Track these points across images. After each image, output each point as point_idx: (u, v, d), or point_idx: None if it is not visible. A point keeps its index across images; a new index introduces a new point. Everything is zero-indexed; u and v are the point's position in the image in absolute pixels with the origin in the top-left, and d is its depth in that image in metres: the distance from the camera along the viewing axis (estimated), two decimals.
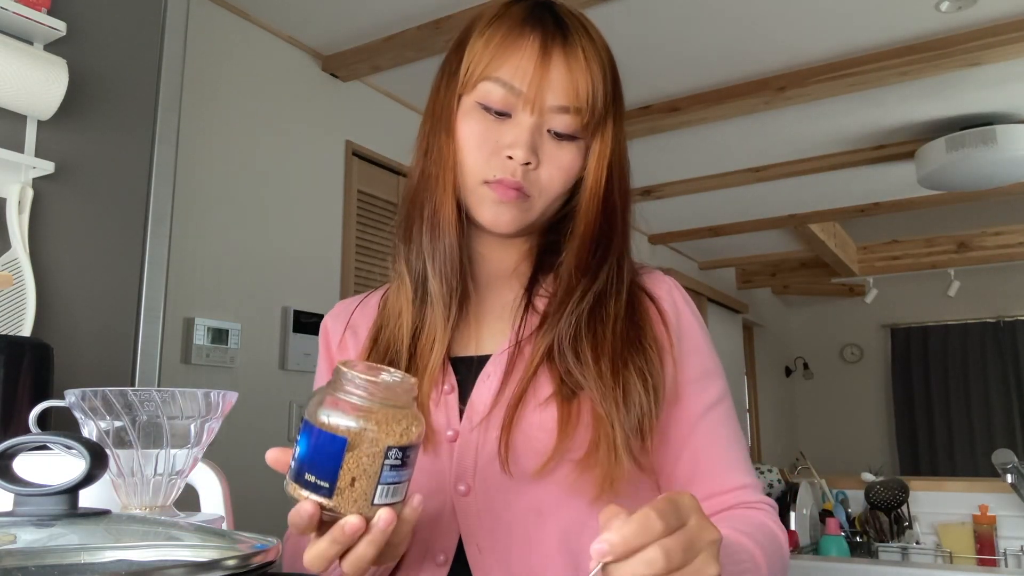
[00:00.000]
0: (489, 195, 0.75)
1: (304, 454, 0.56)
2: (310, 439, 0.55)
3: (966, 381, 6.60)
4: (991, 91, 2.92)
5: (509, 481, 0.74)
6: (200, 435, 0.66)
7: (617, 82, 0.78)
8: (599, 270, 0.78)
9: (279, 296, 2.37)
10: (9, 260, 1.03)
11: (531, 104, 0.73)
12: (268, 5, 2.33)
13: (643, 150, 3.45)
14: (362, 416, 0.54)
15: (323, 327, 0.91)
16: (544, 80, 0.73)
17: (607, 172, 0.77)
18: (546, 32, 0.74)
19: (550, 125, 0.74)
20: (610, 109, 0.76)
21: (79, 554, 0.46)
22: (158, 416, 0.61)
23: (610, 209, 0.78)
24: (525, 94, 0.73)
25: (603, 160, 0.77)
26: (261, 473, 2.62)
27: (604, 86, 0.75)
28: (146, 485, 0.63)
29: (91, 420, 0.62)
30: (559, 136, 0.75)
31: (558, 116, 0.74)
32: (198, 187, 2.15)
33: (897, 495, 2.76)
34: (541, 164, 0.75)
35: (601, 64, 0.75)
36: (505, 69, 0.74)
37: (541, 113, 0.74)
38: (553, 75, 0.73)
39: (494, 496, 0.73)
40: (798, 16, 2.41)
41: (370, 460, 0.54)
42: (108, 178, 1.17)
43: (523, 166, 0.74)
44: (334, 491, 0.54)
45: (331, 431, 0.54)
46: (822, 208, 4.40)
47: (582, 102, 0.73)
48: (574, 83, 0.73)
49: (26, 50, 1.03)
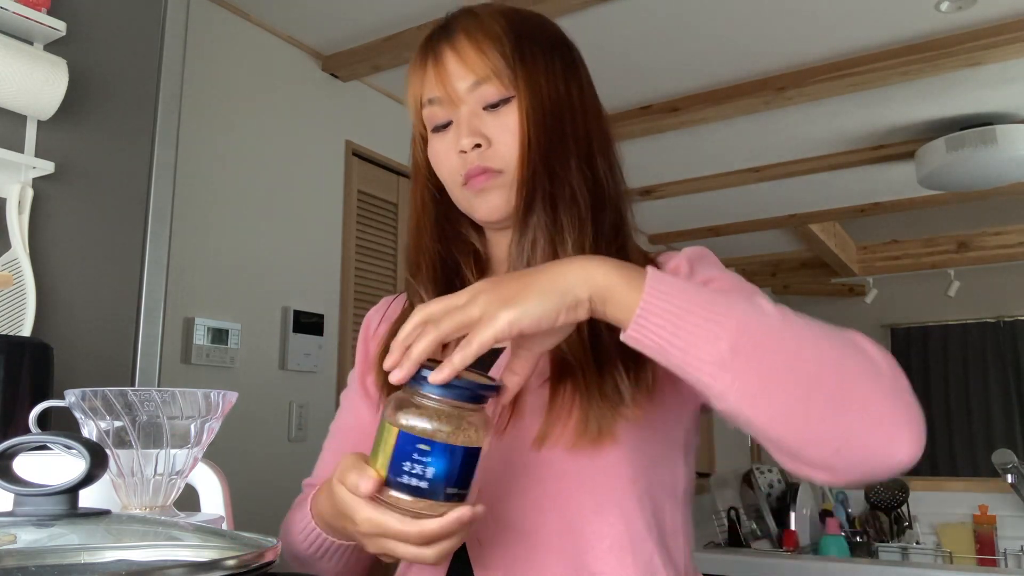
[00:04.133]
0: (469, 193, 0.79)
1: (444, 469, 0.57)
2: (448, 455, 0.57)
3: (966, 381, 6.60)
4: (991, 91, 2.92)
5: (510, 474, 0.74)
6: (200, 435, 0.66)
7: (523, 37, 0.79)
8: (527, 218, 0.75)
9: (279, 296, 2.37)
10: (9, 260, 1.03)
11: (450, 99, 0.77)
12: (268, 5, 2.33)
13: (643, 150, 3.45)
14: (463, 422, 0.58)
15: (365, 318, 0.95)
16: (446, 74, 0.77)
17: (531, 119, 0.76)
18: (436, 39, 0.80)
19: (481, 103, 0.77)
20: (520, 62, 0.77)
21: (79, 554, 0.46)
22: (158, 416, 0.62)
23: (543, 154, 0.76)
24: (441, 96, 0.78)
25: (525, 108, 0.76)
26: (261, 473, 2.63)
27: (503, 45, 0.77)
28: (146, 485, 0.63)
29: (91, 420, 0.62)
30: (492, 107, 0.77)
31: (477, 92, 0.77)
32: (198, 187, 2.15)
33: (897, 495, 2.76)
34: (492, 140, 0.77)
35: (490, 30, 0.78)
36: (425, 88, 0.80)
37: (463, 101, 0.77)
38: (451, 66, 0.77)
39: (496, 491, 0.74)
40: (798, 16, 2.41)
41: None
42: (108, 178, 1.17)
43: (475, 150, 0.76)
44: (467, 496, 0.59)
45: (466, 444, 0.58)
46: (822, 208, 4.40)
47: (487, 70, 0.76)
48: (470, 59, 0.76)
49: (26, 50, 1.03)
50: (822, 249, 5.12)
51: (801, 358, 0.58)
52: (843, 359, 0.59)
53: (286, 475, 2.31)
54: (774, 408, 0.57)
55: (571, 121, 0.79)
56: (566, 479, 0.73)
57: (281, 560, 0.50)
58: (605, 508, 0.73)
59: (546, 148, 0.76)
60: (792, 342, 0.59)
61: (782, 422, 0.58)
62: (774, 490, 2.75)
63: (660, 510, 0.76)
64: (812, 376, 0.57)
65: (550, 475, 0.74)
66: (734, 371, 0.57)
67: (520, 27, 0.79)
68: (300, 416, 2.37)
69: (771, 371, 0.57)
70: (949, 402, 6.63)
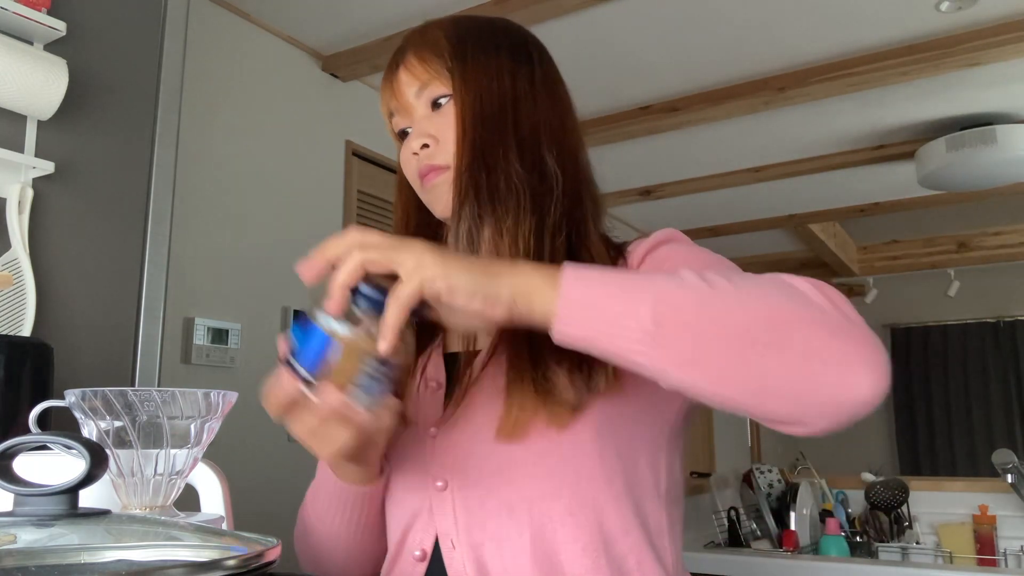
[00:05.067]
0: (426, 191, 0.83)
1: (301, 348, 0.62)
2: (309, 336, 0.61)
3: (966, 381, 6.60)
4: (991, 91, 2.92)
5: (482, 477, 0.74)
6: (200, 435, 0.66)
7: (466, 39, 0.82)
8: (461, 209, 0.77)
9: (279, 296, 2.37)
10: (9, 260, 1.03)
11: (404, 108, 0.83)
12: (268, 5, 2.33)
13: (643, 150, 3.45)
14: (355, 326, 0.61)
15: None
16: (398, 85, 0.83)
17: (468, 110, 0.79)
18: (392, 60, 0.86)
19: (429, 105, 0.82)
20: (458, 61, 0.80)
21: (79, 554, 0.46)
22: (158, 416, 0.62)
23: (479, 147, 0.78)
24: (397, 107, 0.84)
25: (462, 101, 0.79)
26: (261, 473, 2.63)
27: (442, 50, 0.81)
28: (146, 485, 0.63)
29: (91, 420, 0.62)
30: (437, 107, 0.81)
31: (424, 96, 0.82)
32: (198, 187, 2.15)
33: (897, 495, 2.76)
34: (439, 138, 0.80)
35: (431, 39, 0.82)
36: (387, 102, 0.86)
37: (414, 107, 0.82)
38: (401, 77, 0.83)
39: (468, 492, 0.75)
40: (798, 16, 2.41)
41: (353, 364, 0.60)
42: (108, 178, 1.17)
43: (423, 149, 0.81)
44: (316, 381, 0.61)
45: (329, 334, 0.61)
46: (822, 208, 4.40)
47: (428, 74, 0.81)
48: (414, 68, 0.82)
49: (26, 50, 1.03)
50: (822, 249, 5.12)
51: (730, 315, 0.57)
52: (776, 307, 0.58)
53: (286, 475, 2.31)
54: (715, 371, 0.57)
55: (514, 114, 0.80)
56: (536, 480, 0.73)
57: (281, 560, 0.50)
58: (577, 509, 0.73)
59: (482, 141, 0.78)
60: (717, 301, 0.58)
61: (730, 384, 0.57)
62: (774, 490, 2.75)
63: (642, 509, 0.75)
64: (744, 330, 0.56)
65: (520, 476, 0.74)
66: (663, 344, 0.57)
67: (465, 31, 0.83)
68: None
69: (700, 335, 0.57)
70: (949, 402, 6.63)
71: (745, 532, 2.60)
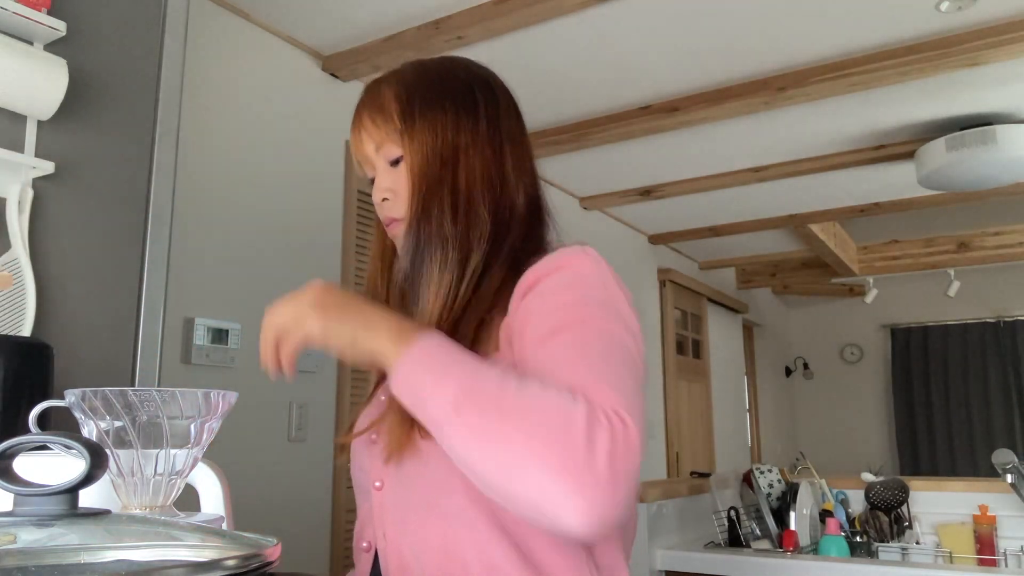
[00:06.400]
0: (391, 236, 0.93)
1: None
2: None
3: (966, 381, 6.60)
4: (991, 91, 2.92)
5: (404, 477, 0.83)
6: (200, 435, 0.66)
7: (413, 97, 0.90)
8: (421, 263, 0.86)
9: (279, 296, 2.36)
10: (9, 260, 1.03)
11: (366, 161, 0.92)
12: (268, 5, 2.33)
13: (643, 150, 3.45)
14: None
15: None
16: (360, 142, 0.92)
17: (415, 171, 0.88)
18: (355, 113, 0.94)
19: (387, 162, 0.90)
20: (405, 123, 0.89)
21: (79, 554, 0.46)
22: (158, 416, 0.62)
23: (423, 204, 0.87)
24: (361, 158, 0.93)
25: (410, 163, 0.88)
26: (261, 473, 2.63)
27: (391, 113, 0.89)
28: (146, 485, 0.63)
29: (91, 420, 0.62)
30: (394, 164, 0.90)
31: (381, 153, 0.90)
32: (198, 187, 2.15)
33: (897, 495, 2.76)
34: (396, 192, 0.89)
35: (381, 102, 0.90)
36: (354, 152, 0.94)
37: (374, 161, 0.91)
38: (362, 135, 0.92)
39: (396, 491, 0.84)
40: (798, 16, 2.41)
41: None
42: (108, 178, 1.17)
43: (383, 202, 0.90)
44: None
45: None
46: (822, 208, 4.40)
47: (380, 136, 0.90)
48: (369, 129, 0.91)
49: (26, 50, 1.03)
50: (822, 249, 5.12)
51: (498, 430, 0.67)
52: (529, 437, 0.65)
53: (286, 475, 2.31)
54: (478, 468, 0.68)
55: (452, 170, 0.88)
56: (433, 480, 0.81)
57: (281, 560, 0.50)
58: (470, 504, 0.78)
59: (424, 199, 0.87)
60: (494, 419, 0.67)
61: (484, 485, 0.69)
62: (774, 490, 2.75)
63: (525, 545, 0.78)
64: (503, 446, 0.66)
65: (424, 476, 0.81)
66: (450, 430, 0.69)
67: (413, 86, 0.90)
68: (300, 416, 2.37)
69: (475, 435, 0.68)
70: (949, 402, 6.63)
71: (745, 532, 2.60)
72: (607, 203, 4.09)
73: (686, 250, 5.39)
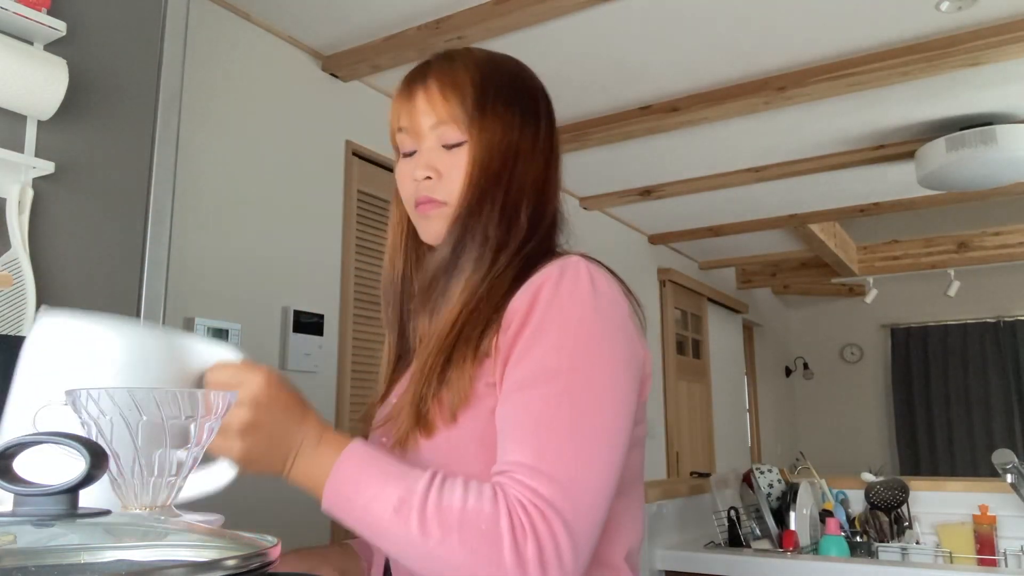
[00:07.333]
0: (418, 215, 0.91)
1: None
2: None
3: (966, 381, 6.60)
4: (991, 91, 2.92)
5: None
6: (200, 435, 0.66)
7: (488, 87, 0.88)
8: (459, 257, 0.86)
9: (279, 296, 2.37)
10: (9, 260, 1.03)
11: (415, 132, 0.89)
12: (268, 5, 2.33)
13: (643, 150, 3.45)
14: None
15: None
16: (415, 110, 0.89)
17: (476, 164, 0.87)
18: (413, 79, 0.91)
19: (441, 141, 0.88)
20: (478, 112, 0.87)
21: (79, 554, 0.46)
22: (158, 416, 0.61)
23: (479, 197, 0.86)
24: (409, 127, 0.90)
25: (473, 154, 0.87)
26: None
27: (465, 95, 0.87)
28: (146, 485, 0.63)
29: (91, 420, 0.62)
30: (449, 147, 0.88)
31: (437, 131, 0.88)
32: (198, 187, 2.15)
33: (897, 495, 2.76)
34: (443, 174, 0.88)
35: (458, 78, 0.88)
36: (399, 117, 0.92)
37: (425, 136, 0.89)
38: (420, 104, 0.89)
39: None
40: (798, 16, 2.41)
41: None
42: (108, 178, 1.17)
43: (425, 180, 0.88)
44: None
45: None
46: (822, 208, 4.40)
47: (447, 114, 0.87)
48: (435, 101, 0.88)
49: (26, 50, 1.03)
50: (822, 249, 5.12)
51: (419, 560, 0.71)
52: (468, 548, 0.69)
53: None
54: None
55: (511, 171, 0.88)
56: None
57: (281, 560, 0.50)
58: None
59: (481, 192, 0.86)
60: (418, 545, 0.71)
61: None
62: (774, 490, 2.74)
63: None
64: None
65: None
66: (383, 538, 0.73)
67: (489, 77, 0.89)
68: None
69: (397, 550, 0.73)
70: (949, 402, 6.63)
71: (745, 532, 2.59)
72: (607, 203, 4.09)
73: (686, 250, 5.39)
